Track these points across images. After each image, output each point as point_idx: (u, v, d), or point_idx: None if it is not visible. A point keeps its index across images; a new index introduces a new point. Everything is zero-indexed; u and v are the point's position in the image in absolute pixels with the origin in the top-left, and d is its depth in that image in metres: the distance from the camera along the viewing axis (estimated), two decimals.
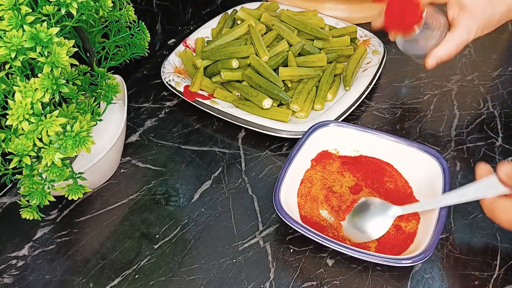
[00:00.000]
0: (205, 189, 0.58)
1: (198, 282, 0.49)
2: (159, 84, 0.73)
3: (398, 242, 0.50)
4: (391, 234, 0.51)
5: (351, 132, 0.58)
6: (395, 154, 0.57)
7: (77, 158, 0.53)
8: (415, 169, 0.56)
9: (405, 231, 0.51)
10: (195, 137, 0.65)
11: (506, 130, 0.65)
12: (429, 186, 0.54)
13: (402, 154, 0.57)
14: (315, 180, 0.56)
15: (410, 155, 0.56)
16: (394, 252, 0.49)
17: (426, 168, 0.55)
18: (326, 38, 0.73)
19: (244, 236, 0.53)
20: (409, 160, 0.56)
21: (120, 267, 0.51)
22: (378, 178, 0.57)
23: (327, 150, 0.59)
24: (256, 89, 0.67)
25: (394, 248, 0.50)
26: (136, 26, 0.58)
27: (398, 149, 0.57)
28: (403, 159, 0.57)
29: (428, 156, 0.55)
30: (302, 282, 0.49)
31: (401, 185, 0.56)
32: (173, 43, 0.83)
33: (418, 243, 0.49)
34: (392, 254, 0.49)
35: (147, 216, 0.55)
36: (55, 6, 0.43)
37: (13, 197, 0.57)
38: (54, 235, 0.54)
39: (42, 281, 0.49)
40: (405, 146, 0.56)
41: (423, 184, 0.55)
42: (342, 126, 0.59)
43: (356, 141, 0.59)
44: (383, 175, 0.57)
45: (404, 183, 0.56)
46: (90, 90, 0.52)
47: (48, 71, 0.40)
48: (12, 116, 0.40)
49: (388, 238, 0.51)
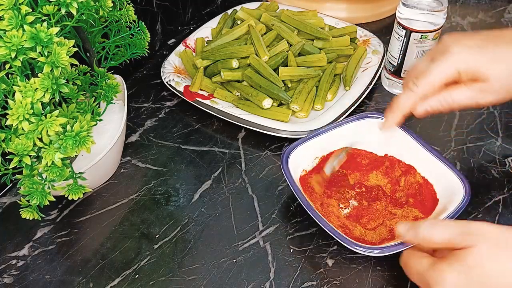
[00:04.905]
0: (205, 189, 0.58)
1: (198, 282, 0.49)
2: (159, 84, 0.73)
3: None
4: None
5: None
6: (418, 157, 0.56)
7: (77, 158, 0.53)
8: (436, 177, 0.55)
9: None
10: (195, 137, 0.65)
11: (506, 130, 0.65)
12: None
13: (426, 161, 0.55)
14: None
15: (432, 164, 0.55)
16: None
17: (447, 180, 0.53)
18: (326, 38, 0.73)
19: (244, 236, 0.53)
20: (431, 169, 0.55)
21: (120, 267, 0.51)
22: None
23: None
24: (256, 89, 0.67)
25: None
26: (136, 26, 0.58)
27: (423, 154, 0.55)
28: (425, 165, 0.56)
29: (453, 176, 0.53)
30: (302, 282, 0.49)
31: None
32: (173, 43, 0.83)
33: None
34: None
35: (147, 216, 0.55)
36: (55, 6, 0.43)
37: (13, 197, 0.57)
38: (54, 235, 0.54)
39: (42, 281, 0.49)
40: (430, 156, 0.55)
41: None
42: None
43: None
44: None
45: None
46: (90, 90, 0.52)
47: (48, 71, 0.40)
48: (12, 116, 0.40)
49: None
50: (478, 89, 0.49)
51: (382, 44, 0.76)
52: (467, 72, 0.49)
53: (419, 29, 0.64)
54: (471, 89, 0.49)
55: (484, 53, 0.49)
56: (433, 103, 0.50)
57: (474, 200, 0.56)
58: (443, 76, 0.49)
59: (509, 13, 0.90)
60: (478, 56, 0.49)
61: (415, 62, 0.53)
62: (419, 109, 0.51)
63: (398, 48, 0.67)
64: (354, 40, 0.77)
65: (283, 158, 0.53)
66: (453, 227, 0.42)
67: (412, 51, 0.66)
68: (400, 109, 0.51)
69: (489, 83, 0.49)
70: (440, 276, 0.40)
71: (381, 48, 0.75)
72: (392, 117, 0.52)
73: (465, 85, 0.49)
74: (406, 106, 0.51)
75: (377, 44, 0.77)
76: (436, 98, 0.50)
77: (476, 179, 0.59)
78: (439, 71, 0.49)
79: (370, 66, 0.73)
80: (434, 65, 0.49)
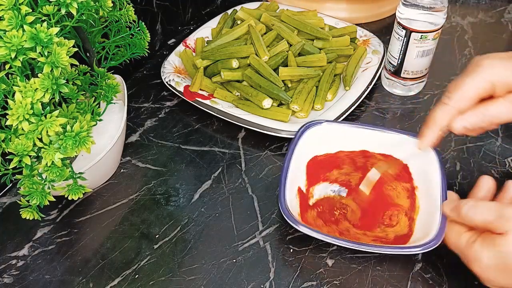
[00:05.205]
0: (205, 189, 0.58)
1: (198, 282, 0.49)
2: (159, 84, 0.73)
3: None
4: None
5: (340, 129, 0.58)
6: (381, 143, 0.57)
7: (77, 158, 0.53)
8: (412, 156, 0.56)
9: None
10: (195, 137, 0.65)
11: (506, 130, 0.65)
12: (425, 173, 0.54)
13: (391, 142, 0.57)
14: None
15: (404, 144, 0.56)
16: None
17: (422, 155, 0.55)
18: (326, 38, 0.73)
19: (244, 236, 0.53)
20: (403, 148, 0.56)
21: (120, 267, 0.51)
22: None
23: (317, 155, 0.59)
24: (256, 89, 0.67)
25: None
26: (136, 26, 0.58)
27: (388, 139, 0.57)
28: (395, 147, 0.57)
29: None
30: (302, 282, 0.49)
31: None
32: (173, 43, 0.83)
33: (423, 233, 0.49)
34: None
35: (147, 216, 0.55)
36: (55, 6, 0.43)
37: (13, 197, 0.57)
38: (54, 235, 0.54)
39: (42, 281, 0.49)
40: (396, 135, 0.56)
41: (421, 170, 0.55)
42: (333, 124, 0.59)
43: (344, 138, 0.58)
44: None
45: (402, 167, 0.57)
46: (90, 90, 0.52)
47: (48, 71, 0.40)
48: (12, 116, 0.40)
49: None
50: None
51: (382, 44, 0.76)
52: (501, 83, 0.48)
53: (419, 29, 0.64)
54: (507, 101, 0.48)
55: None
56: (471, 119, 0.49)
57: None
58: (476, 88, 0.48)
59: (509, 13, 0.90)
60: (511, 67, 0.48)
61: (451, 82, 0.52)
62: (457, 125, 0.49)
63: (398, 48, 0.67)
64: (354, 40, 0.77)
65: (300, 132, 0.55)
66: (493, 211, 0.44)
67: (412, 51, 0.66)
68: (437, 124, 0.50)
69: None
70: (477, 255, 0.44)
71: (381, 48, 0.76)
72: (429, 133, 0.50)
73: (502, 98, 0.48)
74: (442, 120, 0.49)
75: (377, 44, 0.77)
76: (473, 113, 0.49)
77: (476, 179, 0.59)
78: (471, 84, 0.48)
79: (370, 66, 0.73)
80: (466, 78, 0.49)
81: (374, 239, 0.51)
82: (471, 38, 0.84)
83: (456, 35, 0.85)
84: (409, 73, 0.69)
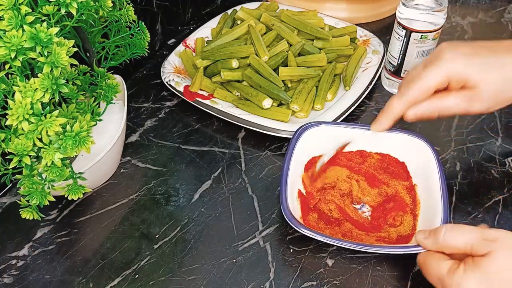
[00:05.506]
0: (205, 189, 0.58)
1: (198, 282, 0.49)
2: (159, 84, 0.73)
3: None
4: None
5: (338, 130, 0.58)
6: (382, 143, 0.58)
7: (77, 158, 0.53)
8: (409, 154, 0.57)
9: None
10: (195, 137, 0.65)
11: (506, 130, 0.65)
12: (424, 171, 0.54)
13: (391, 141, 0.57)
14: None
15: (402, 142, 0.57)
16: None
17: (419, 153, 0.55)
18: (326, 38, 0.73)
19: (244, 236, 0.53)
20: (403, 147, 0.57)
21: (120, 267, 0.51)
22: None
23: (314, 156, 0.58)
24: (256, 89, 0.67)
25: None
26: (136, 26, 0.58)
27: (388, 138, 0.57)
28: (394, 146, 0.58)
29: (420, 141, 0.56)
30: (302, 282, 0.49)
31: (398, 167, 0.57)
32: (173, 43, 0.83)
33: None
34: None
35: (147, 216, 0.55)
36: (55, 6, 0.43)
37: (13, 197, 0.57)
38: (54, 235, 0.54)
39: (42, 281, 0.49)
40: (395, 134, 0.57)
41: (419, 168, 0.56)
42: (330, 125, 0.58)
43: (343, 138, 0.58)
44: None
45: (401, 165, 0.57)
46: (90, 90, 0.52)
47: (48, 71, 0.40)
48: (12, 116, 0.40)
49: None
50: (466, 97, 0.49)
51: (382, 44, 0.76)
52: (457, 79, 0.49)
53: (419, 29, 0.64)
54: (459, 96, 0.49)
55: (476, 60, 0.49)
56: (423, 109, 0.51)
57: (474, 200, 0.56)
58: (433, 82, 0.49)
59: (509, 13, 0.90)
60: (469, 63, 0.49)
61: (412, 66, 0.53)
62: (409, 114, 0.51)
63: (398, 48, 0.67)
64: (354, 40, 0.77)
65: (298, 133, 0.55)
66: (473, 233, 0.42)
67: (412, 51, 0.66)
68: (393, 113, 0.51)
69: (478, 92, 0.49)
70: (460, 282, 0.41)
71: (381, 48, 0.76)
72: (384, 119, 0.52)
73: (455, 92, 0.50)
74: (397, 109, 0.51)
75: (377, 44, 0.77)
76: (426, 104, 0.50)
77: (476, 179, 0.59)
78: (430, 77, 0.49)
79: (370, 66, 0.73)
80: (425, 71, 0.49)
81: (377, 239, 0.51)
82: (471, 38, 0.84)
83: (456, 35, 0.85)
84: None
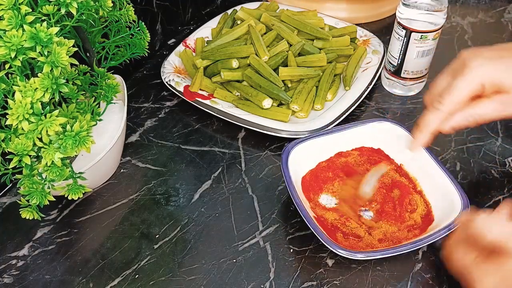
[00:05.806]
0: (205, 189, 0.58)
1: (198, 282, 0.49)
2: (159, 84, 0.73)
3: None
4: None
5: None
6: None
7: (77, 158, 0.53)
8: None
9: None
10: (195, 137, 0.65)
11: (506, 130, 0.65)
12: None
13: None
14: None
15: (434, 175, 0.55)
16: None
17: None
18: (326, 38, 0.73)
19: (244, 236, 0.53)
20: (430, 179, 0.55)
21: (120, 267, 0.51)
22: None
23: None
24: (256, 89, 0.67)
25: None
26: (136, 26, 0.58)
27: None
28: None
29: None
30: (302, 282, 0.49)
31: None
32: (173, 43, 0.83)
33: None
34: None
35: (147, 216, 0.55)
36: (55, 6, 0.43)
37: (13, 197, 0.57)
38: (54, 235, 0.54)
39: (42, 281, 0.49)
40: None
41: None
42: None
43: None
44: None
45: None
46: (90, 90, 0.52)
47: (48, 71, 0.40)
48: (12, 115, 0.40)
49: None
50: (502, 101, 0.49)
51: (382, 44, 0.76)
52: (491, 84, 0.48)
53: (419, 29, 0.64)
54: (495, 101, 0.49)
55: (505, 64, 0.48)
56: (459, 119, 0.50)
57: (474, 200, 0.56)
58: (467, 91, 0.48)
59: (509, 13, 0.90)
60: (498, 68, 0.48)
61: (436, 79, 0.53)
62: (446, 127, 0.51)
63: (398, 48, 0.67)
64: (354, 40, 0.77)
65: (283, 157, 0.53)
66: (509, 227, 0.42)
67: (412, 51, 0.66)
68: (429, 128, 0.51)
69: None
70: (482, 275, 0.42)
71: (381, 48, 0.76)
72: (421, 137, 0.52)
73: (488, 98, 0.49)
74: (433, 124, 0.51)
75: (377, 44, 0.77)
76: (461, 114, 0.50)
77: (476, 179, 0.59)
78: (463, 87, 0.48)
79: (370, 66, 0.73)
80: (457, 81, 0.49)
81: (408, 230, 0.51)
82: (471, 38, 0.84)
83: (456, 35, 0.85)
84: (409, 73, 0.69)
